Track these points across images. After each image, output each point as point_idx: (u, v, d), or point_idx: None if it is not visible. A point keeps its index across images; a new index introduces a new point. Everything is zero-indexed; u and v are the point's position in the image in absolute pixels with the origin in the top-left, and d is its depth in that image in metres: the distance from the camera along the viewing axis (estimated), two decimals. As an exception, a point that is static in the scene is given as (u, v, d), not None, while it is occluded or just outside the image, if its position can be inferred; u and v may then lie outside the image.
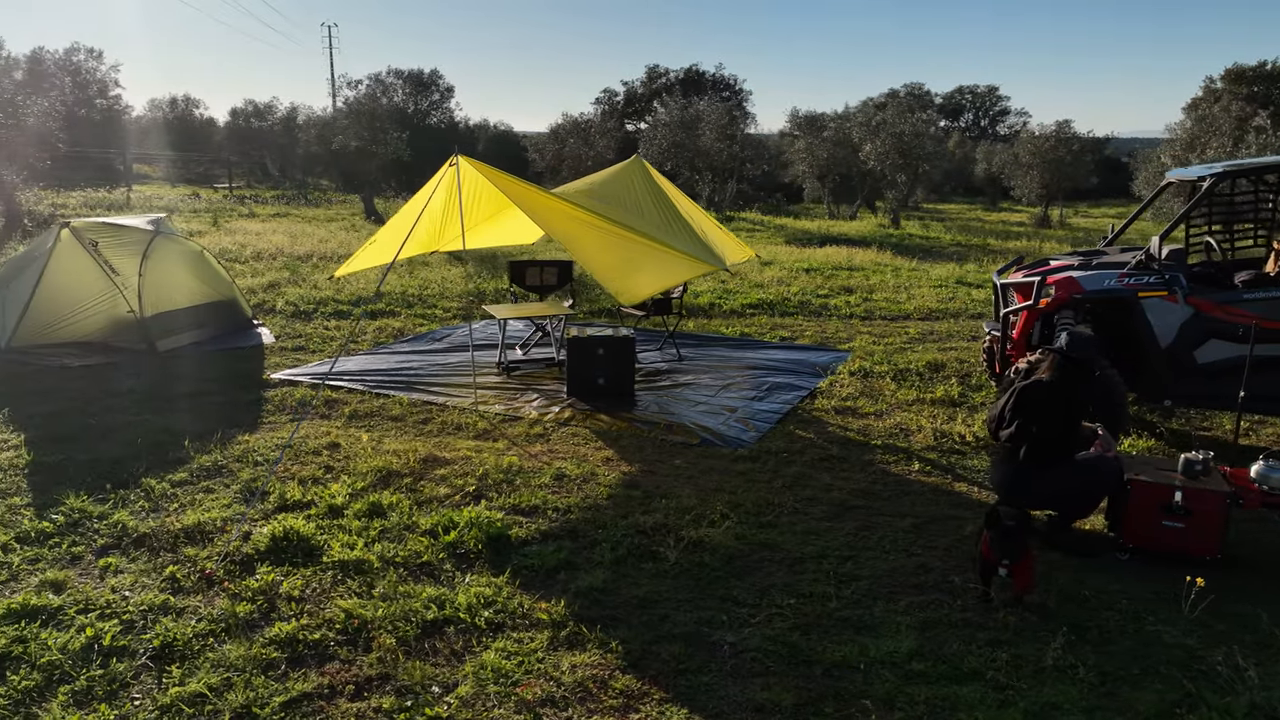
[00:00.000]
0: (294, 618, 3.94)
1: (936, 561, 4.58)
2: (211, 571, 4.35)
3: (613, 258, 7.09)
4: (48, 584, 4.21)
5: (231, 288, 10.25)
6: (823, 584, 4.33)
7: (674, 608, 4.10)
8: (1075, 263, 6.51)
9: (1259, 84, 32.44)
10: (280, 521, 4.85)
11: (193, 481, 5.55)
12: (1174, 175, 6.97)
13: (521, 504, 5.25)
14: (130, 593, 4.16)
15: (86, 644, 3.71)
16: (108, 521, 4.91)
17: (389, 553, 4.57)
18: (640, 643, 3.79)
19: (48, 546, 4.63)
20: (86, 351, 8.79)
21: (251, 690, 3.42)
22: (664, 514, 5.05)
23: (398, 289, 12.49)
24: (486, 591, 4.18)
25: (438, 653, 3.72)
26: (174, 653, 3.68)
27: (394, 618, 3.94)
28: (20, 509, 5.06)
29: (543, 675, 3.55)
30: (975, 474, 5.90)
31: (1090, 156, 38.53)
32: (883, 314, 11.69)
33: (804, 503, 5.34)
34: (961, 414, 7.11)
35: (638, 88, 51.23)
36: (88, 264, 8.98)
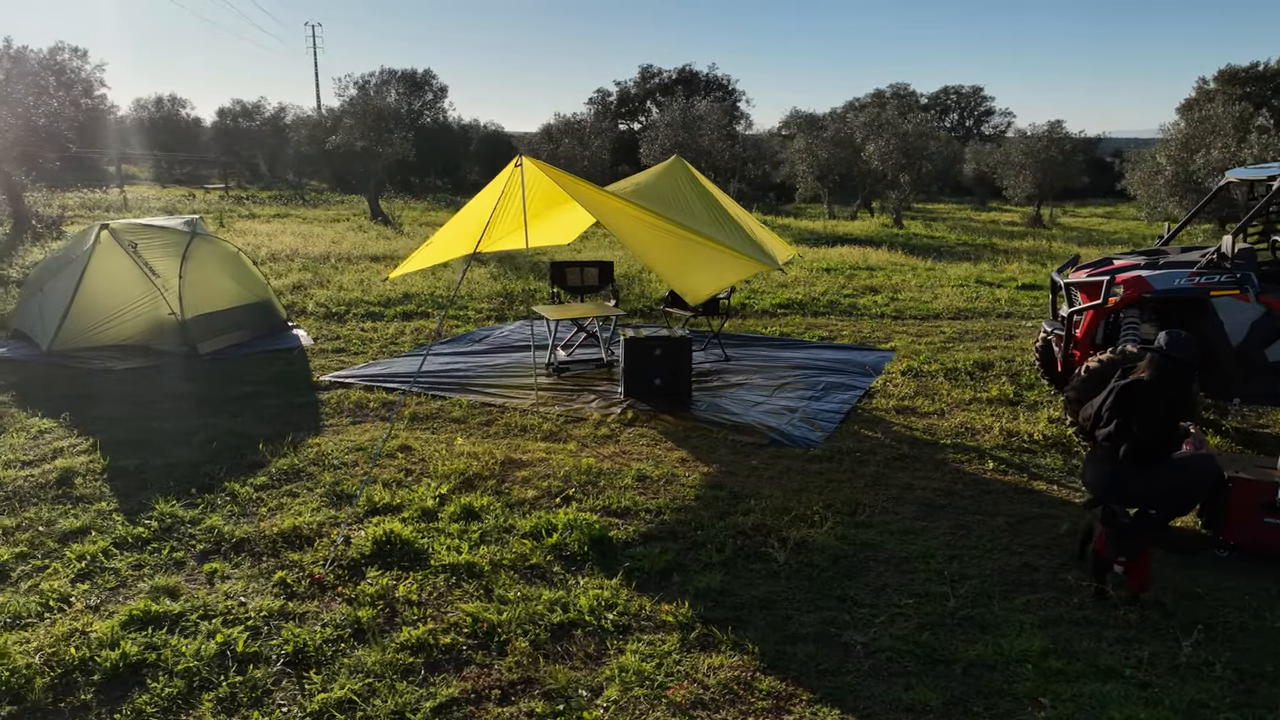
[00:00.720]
0: (419, 622, 3.92)
1: (1040, 560, 4.61)
2: (321, 577, 4.32)
3: (675, 257, 7.08)
4: (160, 590, 4.16)
5: (266, 289, 10.18)
6: (935, 583, 4.35)
7: (794, 608, 4.11)
8: (1140, 262, 6.57)
9: (1251, 85, 32.84)
10: (377, 525, 4.81)
11: (274, 485, 5.50)
12: (1234, 175, 7.04)
13: (612, 505, 5.24)
14: (246, 598, 4.12)
15: (219, 650, 3.67)
16: (201, 526, 4.86)
17: (495, 556, 4.55)
18: (771, 644, 3.79)
19: (148, 552, 4.58)
20: (127, 354, 8.71)
21: (399, 696, 3.40)
22: (759, 515, 5.06)
23: (425, 290, 12.43)
24: (604, 594, 4.17)
25: (572, 656, 3.71)
26: (307, 659, 3.65)
27: (520, 621, 3.93)
28: (110, 514, 5.01)
29: (685, 677, 3.55)
30: (1050, 472, 5.94)
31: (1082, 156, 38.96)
32: (912, 313, 11.74)
33: (891, 502, 5.37)
34: (1022, 413, 7.16)
35: (631, 88, 51.19)
36: (127, 266, 8.90)
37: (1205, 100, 32.73)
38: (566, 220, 9.37)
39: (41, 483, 5.42)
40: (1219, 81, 33.73)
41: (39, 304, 9.12)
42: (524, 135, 49.27)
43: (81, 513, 5.02)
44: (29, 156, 16.22)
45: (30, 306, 9.30)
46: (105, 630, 3.76)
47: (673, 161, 9.33)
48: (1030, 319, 11.47)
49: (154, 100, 53.13)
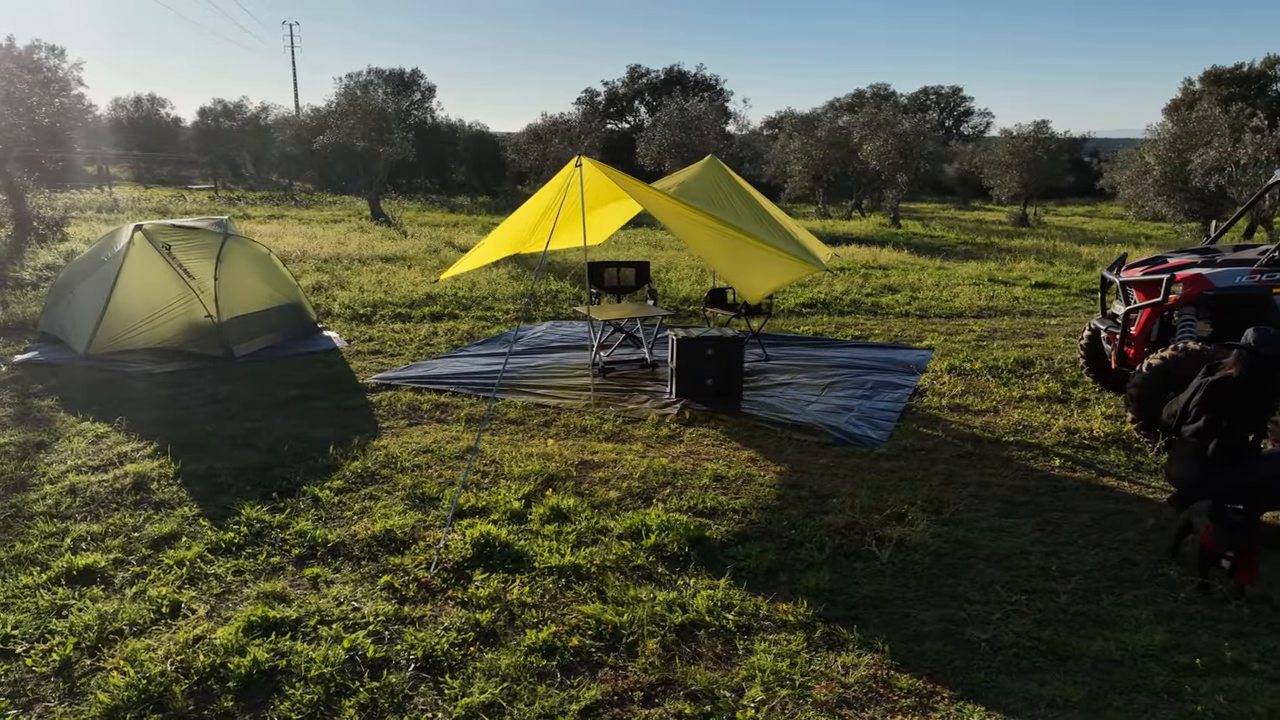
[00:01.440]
0: (541, 625, 3.89)
1: (1137, 555, 4.66)
2: (428, 580, 4.28)
3: (733, 257, 7.11)
4: (269, 596, 4.11)
5: (297, 290, 10.08)
6: (1040, 580, 4.38)
7: (908, 606, 4.12)
8: (1197, 260, 6.66)
9: (1236, 85, 33.37)
10: (470, 528, 4.78)
11: (352, 489, 5.45)
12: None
13: (697, 506, 5.24)
14: (359, 603, 4.08)
15: (348, 656, 3.63)
16: (290, 531, 4.81)
17: (597, 557, 4.53)
18: (896, 642, 3.81)
19: (244, 558, 4.52)
20: (163, 358, 8.60)
21: (541, 699, 3.38)
22: (849, 514, 5.07)
23: (450, 291, 12.37)
24: (717, 594, 4.17)
25: (703, 657, 3.70)
26: (438, 663, 3.62)
27: (641, 623, 3.92)
28: (195, 519, 4.94)
29: (823, 677, 3.55)
30: (1116, 469, 6.00)
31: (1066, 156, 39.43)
32: (936, 312, 11.83)
33: (972, 500, 5.40)
34: (1075, 410, 7.23)
35: (620, 88, 51.21)
36: (162, 268, 8.78)
37: (1192, 101, 33.26)
38: (597, 222, 9.36)
39: (117, 488, 5.34)
40: (1205, 82, 34.27)
41: (70, 306, 8.98)
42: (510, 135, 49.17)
43: (165, 518, 4.95)
44: (32, 158, 15.94)
45: (60, 309, 9.15)
46: (228, 637, 3.71)
47: (708, 162, 9.35)
48: (1053, 317, 11.59)
49: (133, 100, 52.43)
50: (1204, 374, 4.97)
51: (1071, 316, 11.62)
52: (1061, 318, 11.55)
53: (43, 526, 4.82)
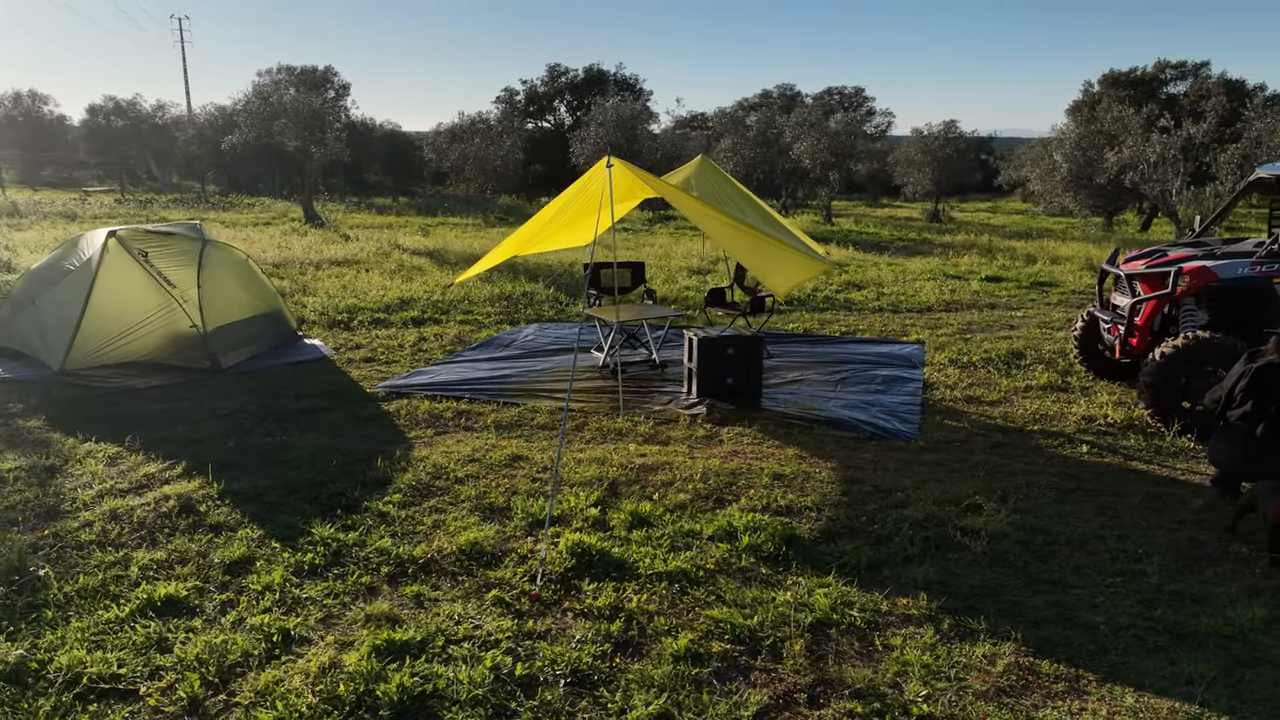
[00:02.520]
0: (674, 633, 3.85)
1: (1200, 534, 4.90)
2: (537, 593, 4.18)
3: (759, 255, 7.18)
4: (380, 618, 3.94)
5: (277, 298, 9.67)
6: (1124, 562, 4.56)
7: (1016, 594, 4.24)
8: (1197, 253, 7.04)
9: (1131, 87, 35.34)
10: (560, 537, 4.69)
11: (414, 502, 5.27)
12: (1265, 170, 7.62)
13: (770, 505, 5.26)
14: (476, 620, 3.95)
15: (492, 676, 3.51)
16: (370, 549, 4.62)
17: (699, 561, 4.50)
18: (1020, 629, 3.91)
19: (332, 579, 4.32)
20: (146, 371, 8.12)
21: (710, 708, 3.34)
22: (923, 506, 5.17)
23: (425, 296, 12.06)
24: (833, 592, 4.20)
25: (847, 655, 3.72)
26: (588, 677, 3.54)
27: (772, 624, 3.91)
28: (263, 541, 4.69)
29: (971, 668, 3.62)
30: (1140, 453, 6.28)
31: (974, 154, 41.09)
32: (907, 307, 12.16)
33: (1025, 489, 5.57)
34: (1081, 398, 7.55)
35: (539, 87, 50.72)
36: (139, 276, 8.29)
37: (1094, 102, 35.09)
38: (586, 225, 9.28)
39: (163, 512, 5.02)
40: (1103, 85, 36.17)
41: (34, 319, 8.38)
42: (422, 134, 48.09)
43: (229, 541, 4.69)
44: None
45: (21, 322, 8.53)
46: (360, 663, 3.54)
47: (701, 162, 9.38)
48: (1016, 309, 12.07)
49: (11, 96, 49.13)
50: (1245, 361, 5.27)
51: (1034, 309, 12.12)
52: (1025, 310, 12.04)
53: (100, 556, 4.49)
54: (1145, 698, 3.43)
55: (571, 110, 51.01)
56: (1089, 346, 8.20)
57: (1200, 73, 34.81)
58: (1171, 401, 6.58)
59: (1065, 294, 13.43)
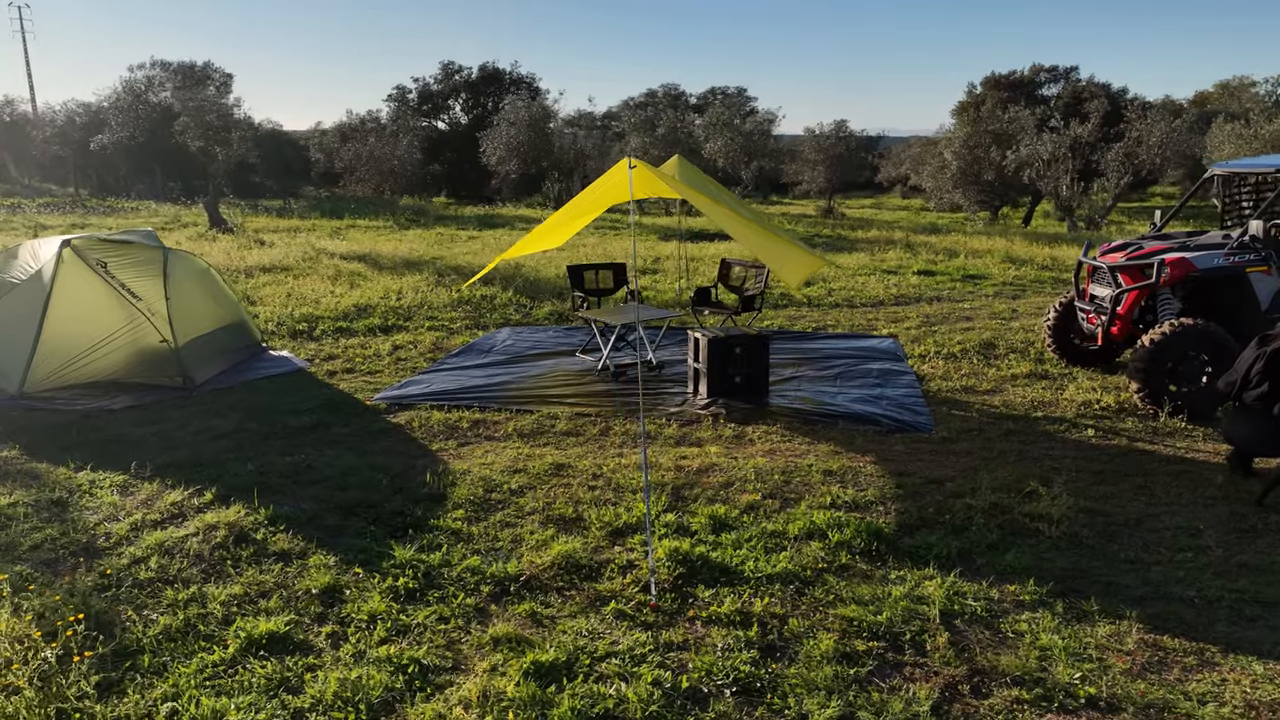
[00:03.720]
0: (811, 635, 3.86)
1: (1238, 509, 5.25)
2: (655, 603, 4.11)
3: (772, 251, 7.25)
4: (510, 640, 3.79)
5: (240, 308, 9.13)
6: (1185, 537, 4.85)
7: (1105, 574, 4.44)
8: (1172, 245, 7.53)
9: (1010, 89, 37.49)
10: (661, 545, 4.62)
11: (479, 517, 5.08)
12: (1218, 168, 8.23)
13: (836, 501, 5.32)
14: (609, 635, 3.84)
15: (657, 691, 3.43)
16: (461, 569, 4.43)
17: (801, 561, 4.52)
18: (1126, 607, 4.10)
19: (436, 603, 4.12)
20: (115, 392, 7.54)
21: (886, 705, 3.36)
22: (984, 495, 5.33)
23: (378, 301, 11.60)
24: (944, 583, 4.29)
25: (985, 643, 3.81)
26: (752, 686, 3.50)
27: (900, 619, 3.97)
28: (343, 568, 4.43)
29: (1105, 648, 3.77)
30: (1143, 434, 6.66)
31: (864, 153, 42.72)
32: (860, 302, 12.52)
33: (1061, 473, 5.83)
34: (1068, 385, 7.96)
35: (433, 85, 49.57)
36: (100, 290, 7.67)
37: (978, 103, 37.01)
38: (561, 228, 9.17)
39: (217, 542, 4.66)
40: (985, 87, 38.21)
41: (-22, 339, 7.62)
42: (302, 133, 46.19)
43: (303, 569, 4.40)
44: None
45: (-41, 342, 7.74)
46: (516, 689, 3.39)
47: (681, 161, 9.42)
48: (962, 301, 12.60)
49: None
50: (1258, 345, 5.68)
51: (976, 301, 12.68)
52: (969, 302, 12.58)
53: (171, 594, 4.14)
54: (1271, 665, 3.66)
55: (468, 109, 50.12)
56: (1061, 335, 8.66)
57: (1071, 76, 37.26)
58: (1161, 385, 7.02)
59: (998, 285, 14.10)
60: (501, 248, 18.61)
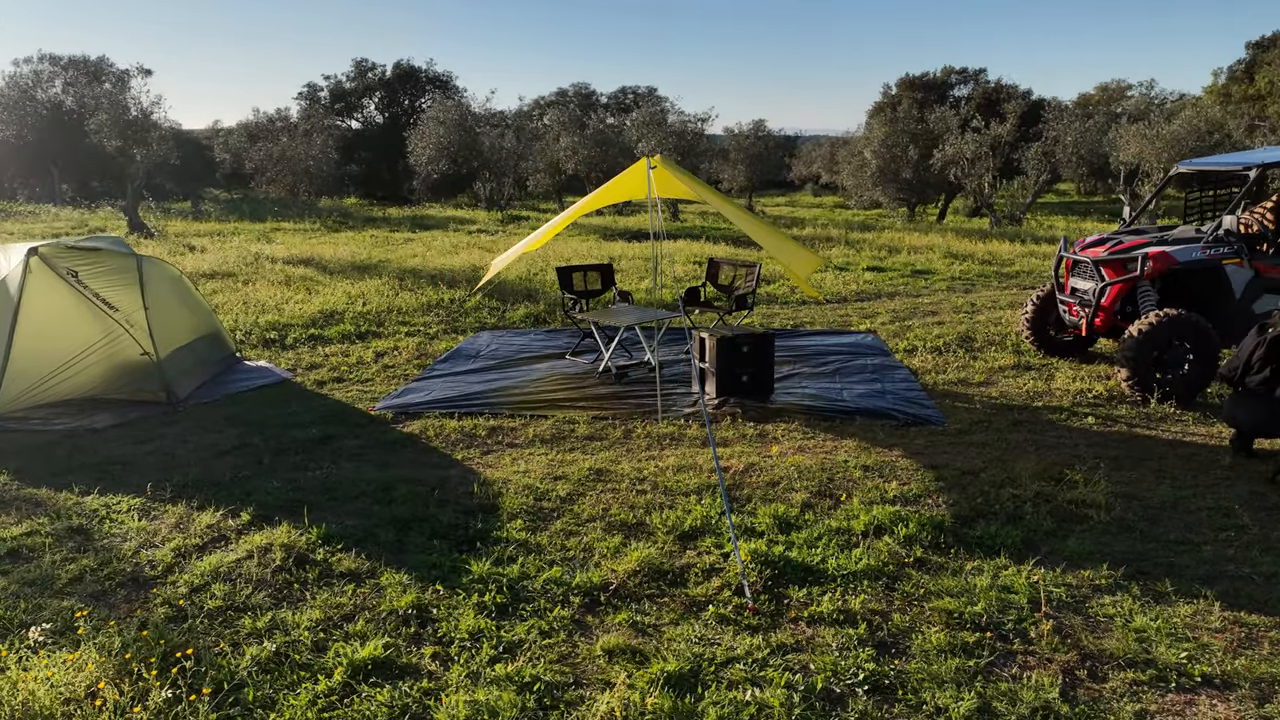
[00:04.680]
0: (916, 630, 3.90)
1: (1255, 487, 5.55)
2: (754, 606, 4.09)
3: (782, 248, 7.32)
4: (621, 650, 3.71)
5: (213, 317, 8.68)
6: (1218, 517, 5.09)
7: (1162, 555, 4.63)
8: (1150, 239, 7.91)
9: (923, 90, 38.80)
10: (742, 547, 4.61)
11: (539, 526, 4.97)
12: (1184, 166, 8.68)
13: (886, 495, 5.40)
14: (720, 640, 3.81)
15: (793, 695, 3.41)
16: (543, 580, 4.32)
17: (876, 557, 4.56)
18: (1198, 586, 4.28)
19: (531, 617, 4.01)
20: (91, 409, 7.09)
21: (1020, 694, 3.43)
22: (1024, 484, 5.49)
23: (343, 307, 11.21)
24: (1020, 571, 4.40)
25: (1080, 628, 3.93)
26: (883, 683, 3.52)
27: (995, 609, 4.06)
28: (422, 586, 4.25)
29: (1193, 627, 3.93)
30: (1136, 419, 6.97)
31: (781, 152, 43.60)
32: (826, 299, 12.74)
33: (1086, 461, 6.05)
34: (1056, 374, 8.27)
35: (345, 83, 48.17)
36: (72, 300, 7.19)
37: (894, 104, 38.16)
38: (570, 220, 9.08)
39: (277, 565, 4.42)
40: (900, 88, 39.43)
41: (-67, 356, 7.03)
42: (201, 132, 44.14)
43: (376, 589, 4.22)
44: None
45: (-88, 361, 7.12)
46: (658, 702, 3.32)
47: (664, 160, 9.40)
48: (919, 296, 12.96)
49: None
50: (1258, 333, 6.03)
51: (934, 295, 13.07)
52: (928, 296, 12.96)
53: (249, 623, 3.90)
54: (1347, 634, 3.89)
55: (383, 108, 48.92)
56: (1039, 327, 9.00)
57: (980, 78, 38.81)
58: (1149, 373, 7.37)
59: (946, 280, 14.56)
60: (443, 249, 18.23)
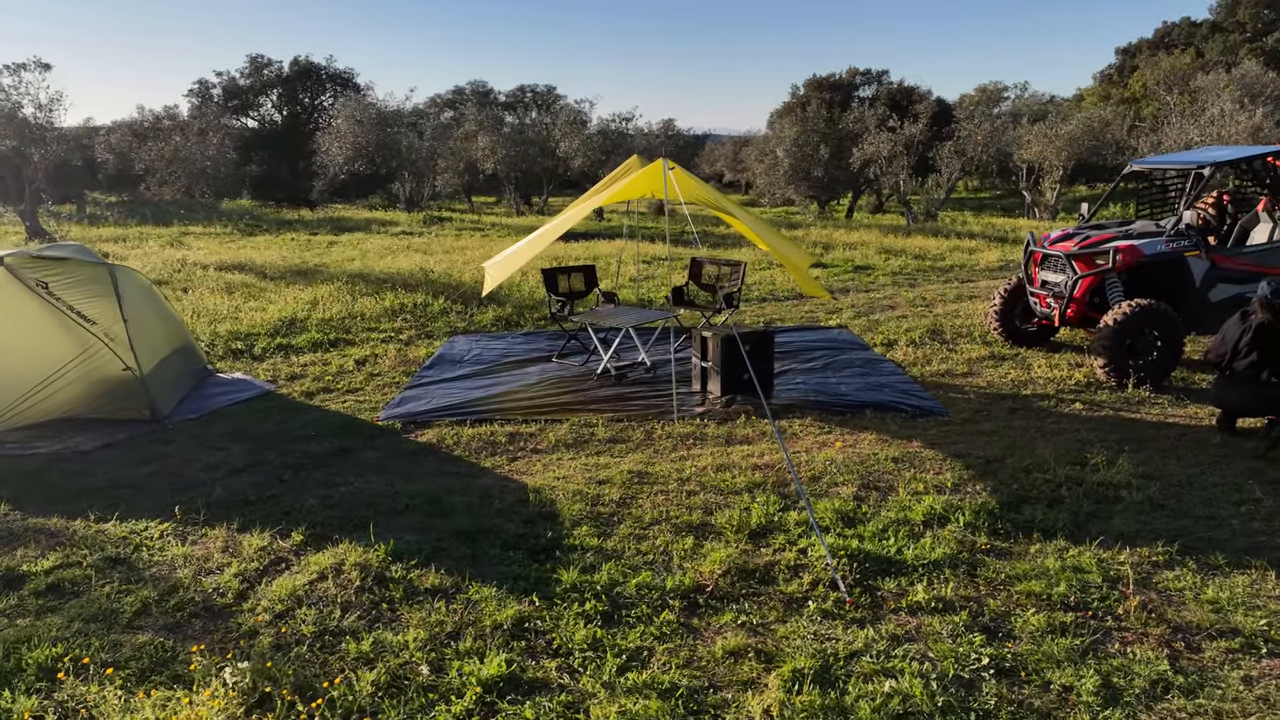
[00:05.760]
0: (1014, 614, 4.05)
1: (1254, 464, 5.95)
2: (851, 600, 4.17)
3: (788, 255, 7.43)
4: (742, 652, 3.73)
5: (183, 328, 8.22)
6: (1231, 491, 5.45)
7: (1200, 530, 4.92)
8: (1116, 234, 8.39)
9: (830, 91, 39.91)
10: (790, 545, 4.68)
11: (608, 532, 4.93)
12: (1137, 164, 9.23)
13: (927, 486, 5.57)
14: (837, 636, 3.87)
15: (930, 683, 3.50)
16: (634, 585, 4.29)
17: (948, 545, 4.70)
18: (1242, 557, 4.59)
19: (638, 624, 3.97)
20: (71, 429, 6.64)
21: (1137, 668, 3.60)
22: (1051, 469, 5.75)
23: (303, 314, 10.77)
24: (1082, 549, 4.62)
25: (1156, 602, 4.15)
26: (1007, 667, 3.65)
27: (1075, 589, 4.25)
28: (517, 598, 4.16)
29: (1258, 595, 4.22)
30: (1118, 404, 7.37)
31: (691, 151, 44.19)
32: (784, 295, 13.00)
33: (1096, 445, 6.38)
34: (1032, 364, 8.67)
35: (240, 80, 46.12)
36: (44, 313, 6.71)
37: (803, 104, 39.09)
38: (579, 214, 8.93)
39: (355, 585, 4.24)
40: (808, 88, 40.44)
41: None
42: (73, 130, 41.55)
43: (469, 604, 4.10)
44: None
45: None
46: (806, 700, 3.35)
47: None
48: (870, 292, 13.38)
49: None
50: (1241, 320, 6.48)
51: (885, 290, 13.50)
52: (878, 291, 13.37)
53: (353, 647, 3.73)
54: (1388, 594, 4.24)
55: (281, 106, 47.08)
56: (1007, 318, 9.43)
57: (883, 79, 40.19)
58: (1124, 360, 7.82)
59: (888, 275, 15.05)
60: (379, 252, 17.74)
